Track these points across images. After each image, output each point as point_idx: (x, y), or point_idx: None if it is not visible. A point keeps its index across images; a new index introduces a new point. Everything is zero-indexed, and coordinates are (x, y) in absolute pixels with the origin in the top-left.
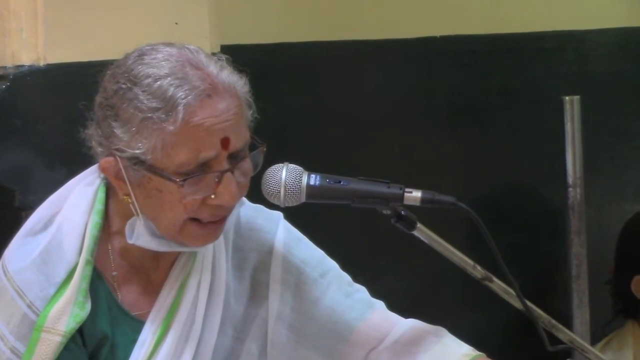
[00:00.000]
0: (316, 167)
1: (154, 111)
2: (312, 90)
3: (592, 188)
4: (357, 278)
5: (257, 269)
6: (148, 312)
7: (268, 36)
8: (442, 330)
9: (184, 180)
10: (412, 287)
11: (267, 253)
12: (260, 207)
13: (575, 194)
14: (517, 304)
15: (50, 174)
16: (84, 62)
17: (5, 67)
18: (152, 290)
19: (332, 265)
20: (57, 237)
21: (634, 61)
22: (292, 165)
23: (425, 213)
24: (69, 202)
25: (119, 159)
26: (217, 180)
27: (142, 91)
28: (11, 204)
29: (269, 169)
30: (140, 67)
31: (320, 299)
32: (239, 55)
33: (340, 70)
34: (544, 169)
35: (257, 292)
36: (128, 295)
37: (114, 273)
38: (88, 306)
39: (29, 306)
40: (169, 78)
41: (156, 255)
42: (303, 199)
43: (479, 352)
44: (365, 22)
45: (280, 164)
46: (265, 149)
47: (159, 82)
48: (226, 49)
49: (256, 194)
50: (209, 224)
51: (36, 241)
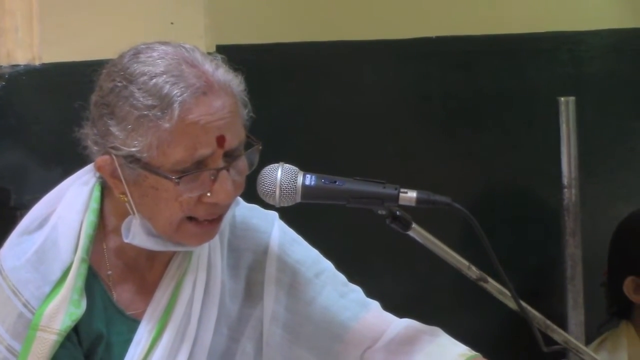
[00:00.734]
0: (311, 167)
1: (150, 109)
2: (307, 91)
3: (586, 189)
4: (352, 278)
5: (252, 268)
6: (143, 312)
7: (263, 36)
8: (438, 330)
9: (179, 178)
10: (407, 288)
11: (262, 253)
12: (256, 207)
13: (570, 195)
14: (512, 304)
15: (46, 173)
16: (80, 61)
17: (1, 66)
18: (147, 289)
19: (327, 265)
20: (53, 235)
21: (629, 62)
22: (287, 165)
23: (421, 214)
24: (65, 201)
25: (114, 158)
26: (212, 178)
27: (138, 89)
28: (6, 203)
29: (264, 169)
30: (135, 65)
31: (315, 299)
32: (234, 55)
33: (336, 70)
34: (539, 170)
35: (252, 291)
36: (123, 295)
37: (109, 272)
38: (83, 304)
39: (25, 305)
40: (164, 76)
41: (151, 255)
42: (298, 199)
43: (474, 352)
44: (360, 23)
45: (276, 164)
46: (260, 147)
47: (154, 80)
48: (221, 49)
49: (251, 194)
50: (205, 222)
51: (31, 240)
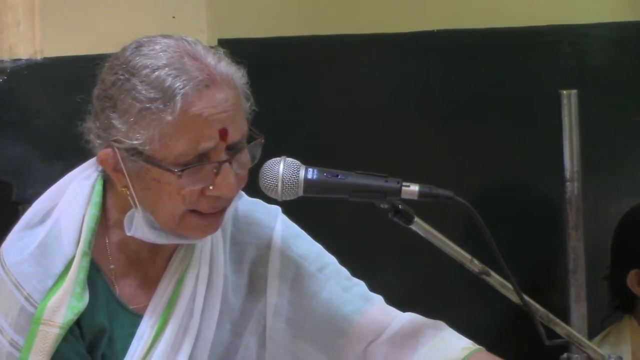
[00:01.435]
0: (314, 161)
1: (152, 101)
2: (309, 84)
3: (589, 182)
4: (355, 272)
5: (255, 262)
6: (146, 306)
7: (265, 30)
8: (441, 324)
9: (182, 171)
10: (411, 282)
11: (266, 247)
12: (258, 201)
13: (572, 188)
14: (514, 298)
15: (48, 168)
16: (82, 55)
17: (3, 60)
18: (149, 283)
19: (331, 259)
20: (55, 230)
21: (631, 55)
22: (289, 159)
23: (423, 207)
24: (67, 195)
25: (117, 151)
26: (215, 171)
27: (140, 82)
28: (8, 197)
29: (266, 163)
30: (138, 58)
31: (319, 293)
32: (236, 49)
33: (338, 64)
34: (541, 163)
35: (255, 286)
36: (125, 289)
37: (112, 266)
38: (86, 298)
39: (27, 299)
40: (166, 68)
41: (154, 249)
42: (300, 193)
43: (478, 346)
44: (362, 16)
45: (278, 158)
46: (263, 141)
47: (156, 73)
48: (223, 43)
49: (254, 187)
50: (208, 215)
51: (34, 234)
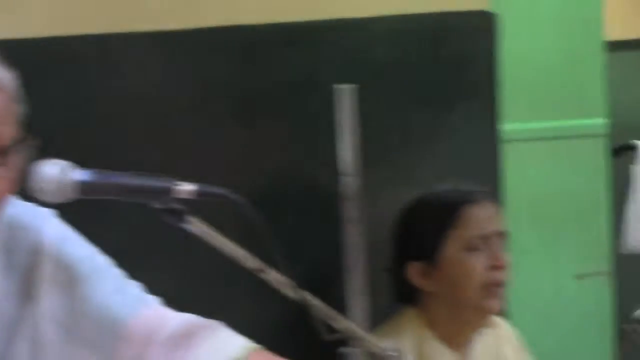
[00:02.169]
0: (91, 164)
1: None
2: (85, 85)
3: (368, 177)
4: (131, 274)
5: (26, 267)
6: None
7: (36, 29)
8: (218, 324)
9: None
10: (188, 281)
11: (36, 252)
12: (29, 205)
13: (350, 183)
14: (293, 294)
15: None
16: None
17: None
18: None
19: (104, 261)
20: None
21: (410, 49)
22: (59, 161)
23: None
24: None
25: None
26: None
27: None
28: None
29: (36, 165)
30: None
31: (92, 296)
32: (6, 50)
33: (115, 63)
34: (320, 159)
35: (28, 291)
36: None
37: None
38: None
39: None
40: None
41: None
42: (72, 195)
43: (255, 344)
44: (139, 13)
45: (48, 160)
46: (35, 145)
47: None
48: None
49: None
50: None
51: None
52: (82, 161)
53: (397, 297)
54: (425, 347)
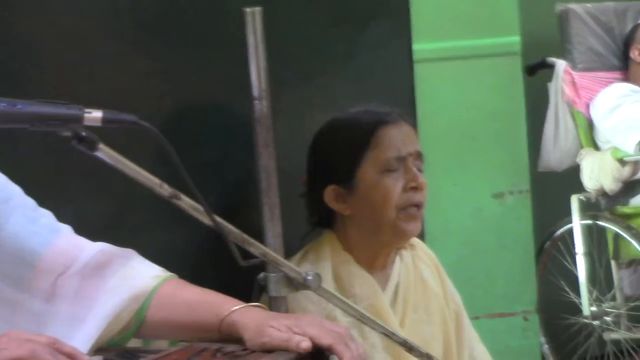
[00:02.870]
0: None
1: None
2: None
3: (281, 99)
4: (42, 203)
5: None
6: None
7: None
8: (132, 253)
9: None
10: (102, 210)
11: None
12: None
13: (261, 107)
14: (207, 220)
15: None
16: None
17: None
18: None
19: (16, 190)
20: None
21: None
22: None
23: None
24: None
25: None
26: None
27: None
28: None
29: None
30: None
31: (3, 226)
32: None
33: None
34: (231, 83)
35: None
36: None
37: None
38: None
39: None
40: None
41: None
42: None
43: (170, 273)
44: None
45: None
46: None
47: None
48: None
49: None
50: None
51: None
52: None
53: (314, 222)
54: (344, 270)
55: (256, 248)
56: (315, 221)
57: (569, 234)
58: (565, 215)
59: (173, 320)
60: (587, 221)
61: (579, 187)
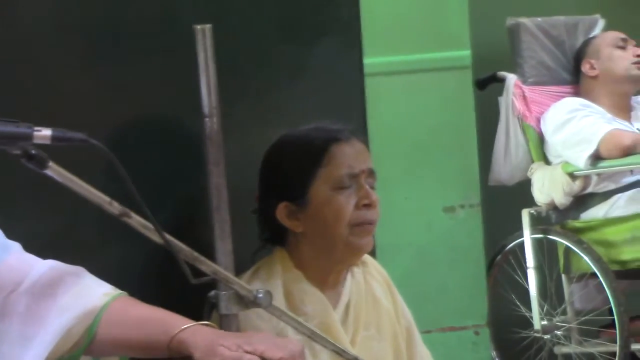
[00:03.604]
0: None
1: None
2: None
3: (232, 116)
4: None
5: None
6: None
7: None
8: (82, 270)
9: None
10: (51, 227)
11: None
12: None
13: (212, 124)
14: (157, 238)
15: None
16: None
17: None
18: None
19: None
20: None
21: None
22: None
23: (67, 151)
24: None
25: None
26: None
27: None
28: None
29: None
30: None
31: None
32: None
33: None
34: (182, 100)
35: None
36: None
37: None
38: None
39: None
40: None
41: None
42: None
43: (120, 291)
44: None
45: None
46: None
47: None
48: None
49: None
50: None
51: None
52: None
53: (265, 239)
54: (295, 288)
55: (207, 266)
56: (267, 238)
57: (519, 247)
58: (516, 229)
59: (122, 338)
60: (538, 235)
61: (529, 201)
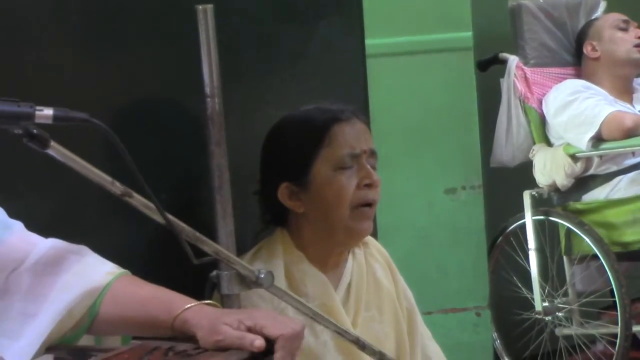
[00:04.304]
0: None
1: None
2: None
3: (234, 97)
4: None
5: None
6: None
7: None
8: (84, 249)
9: None
10: (53, 206)
11: None
12: None
13: (213, 105)
14: (159, 218)
15: None
16: None
17: None
18: None
19: None
20: None
21: None
22: None
23: (66, 131)
24: None
25: None
26: None
27: None
28: None
29: None
30: None
31: None
32: None
33: None
34: (184, 80)
35: None
36: None
37: None
38: None
39: None
40: None
41: None
42: None
43: (123, 270)
44: None
45: None
46: None
47: None
48: None
49: None
50: None
51: None
52: None
53: (267, 220)
54: (296, 268)
55: (209, 246)
56: (269, 219)
57: (521, 229)
58: (518, 211)
59: (125, 317)
60: (540, 217)
61: (531, 183)
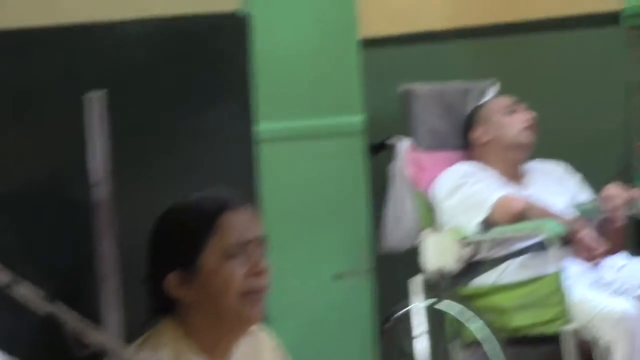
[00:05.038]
0: None
1: None
2: None
3: (123, 184)
4: None
5: None
6: None
7: None
8: None
9: None
10: None
11: None
12: None
13: (101, 193)
14: (43, 309)
15: None
16: None
17: None
18: None
19: None
20: None
21: (161, 52)
22: None
23: None
24: None
25: None
26: None
27: None
28: None
29: None
30: None
31: None
32: None
33: None
34: (72, 167)
35: None
36: None
37: None
38: None
39: None
40: None
41: None
42: None
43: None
44: None
45: None
46: None
47: None
48: None
49: None
50: None
51: None
52: None
53: (154, 308)
54: (184, 358)
55: (93, 336)
56: (156, 308)
57: (409, 315)
58: (406, 296)
59: None
60: (428, 302)
61: (420, 268)
